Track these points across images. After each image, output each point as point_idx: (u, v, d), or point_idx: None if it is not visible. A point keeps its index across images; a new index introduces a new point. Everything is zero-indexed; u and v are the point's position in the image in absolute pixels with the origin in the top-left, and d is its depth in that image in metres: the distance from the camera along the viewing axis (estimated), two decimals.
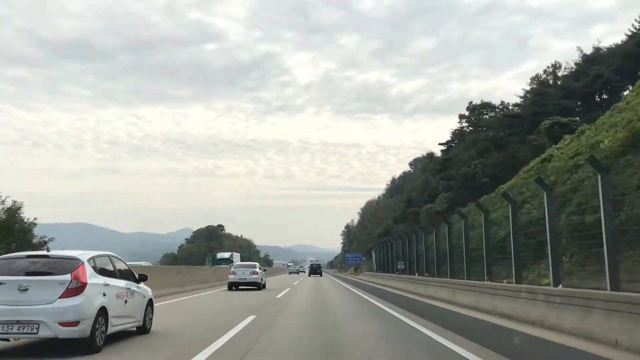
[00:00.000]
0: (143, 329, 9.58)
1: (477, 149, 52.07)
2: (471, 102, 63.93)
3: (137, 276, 9.62)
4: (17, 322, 7.10)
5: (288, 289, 26.82)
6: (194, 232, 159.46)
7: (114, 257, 9.11)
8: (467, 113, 63.43)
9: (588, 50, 54.67)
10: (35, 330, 7.11)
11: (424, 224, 34.79)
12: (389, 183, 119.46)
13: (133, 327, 9.30)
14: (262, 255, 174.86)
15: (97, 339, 7.59)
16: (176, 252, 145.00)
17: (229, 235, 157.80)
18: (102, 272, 8.23)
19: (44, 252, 8.12)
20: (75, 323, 7.22)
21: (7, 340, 7.61)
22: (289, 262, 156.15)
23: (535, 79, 58.99)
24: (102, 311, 7.75)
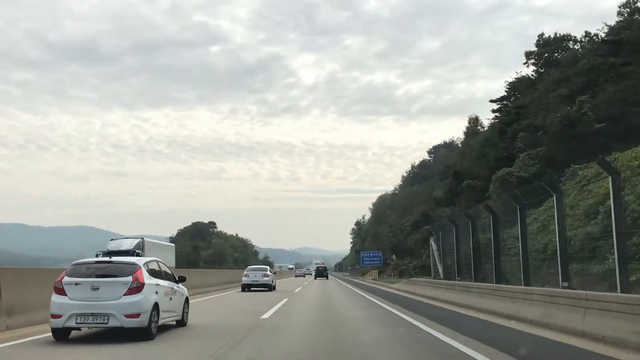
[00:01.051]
0: (181, 322, 11.36)
1: (568, 88, 36.70)
2: (542, 35, 47.72)
3: (177, 277, 11.42)
4: (92, 314, 8.90)
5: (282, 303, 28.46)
6: (179, 230, 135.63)
7: (160, 262, 10.92)
8: (536, 50, 47.34)
9: None
10: (106, 321, 8.92)
11: (498, 199, 25.69)
12: (407, 172, 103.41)
13: (173, 321, 11.07)
14: (261, 256, 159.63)
15: (152, 329, 9.37)
16: None
17: (220, 234, 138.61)
18: (153, 274, 10.03)
19: (109, 259, 9.93)
20: (137, 315, 9.02)
21: (79, 329, 9.40)
22: (290, 265, 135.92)
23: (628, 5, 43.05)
24: (155, 306, 9.53)
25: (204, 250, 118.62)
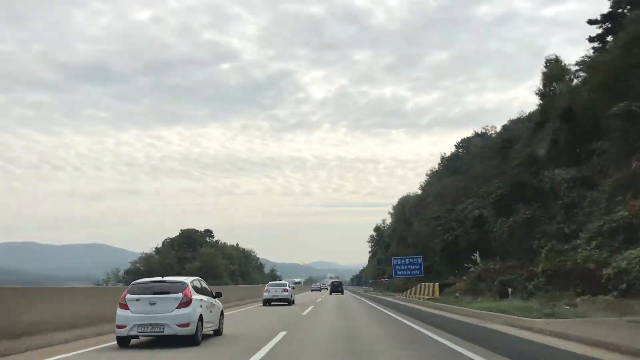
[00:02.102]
0: (218, 332, 13.29)
1: None
2: None
3: (214, 293, 13.38)
4: (150, 324, 10.88)
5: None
6: (165, 240, 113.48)
7: (201, 280, 12.92)
8: None
9: None
10: (162, 330, 10.89)
11: None
12: (430, 172, 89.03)
13: (211, 331, 12.99)
14: (266, 269, 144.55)
15: (199, 336, 11.34)
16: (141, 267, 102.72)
17: (215, 244, 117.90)
18: (197, 290, 12.01)
19: (162, 278, 11.93)
20: (187, 325, 10.99)
21: (137, 337, 11.35)
22: (297, 280, 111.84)
23: None
24: (200, 317, 11.50)
25: (191, 262, 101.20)
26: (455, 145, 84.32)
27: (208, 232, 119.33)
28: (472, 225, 39.58)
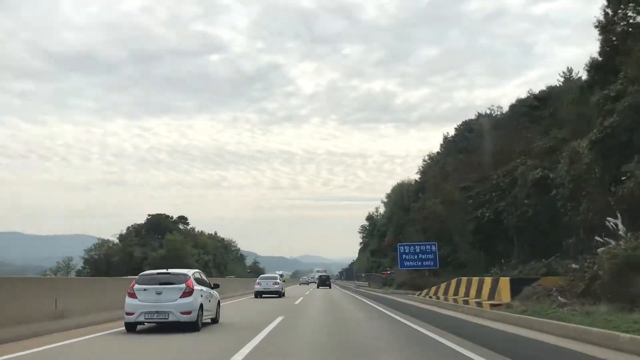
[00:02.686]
0: (215, 320, 14.43)
1: None
2: None
3: (212, 285, 14.52)
4: (157, 312, 12.00)
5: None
6: (130, 227, 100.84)
7: (201, 272, 14.08)
8: None
9: None
10: (167, 317, 12.02)
11: None
12: (440, 146, 76.40)
13: (209, 319, 14.12)
14: (248, 262, 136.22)
15: (199, 323, 12.48)
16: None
17: (189, 232, 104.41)
18: (198, 282, 13.15)
19: (167, 270, 13.06)
20: (189, 312, 12.13)
21: (144, 324, 12.46)
22: (279, 273, 72.91)
23: None
24: (201, 306, 12.64)
25: (156, 250, 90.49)
26: (456, 128, 74.83)
27: (182, 219, 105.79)
28: (530, 192, 28.54)
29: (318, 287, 60.12)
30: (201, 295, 12.81)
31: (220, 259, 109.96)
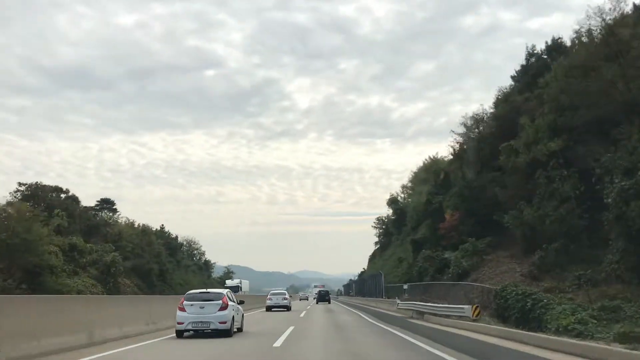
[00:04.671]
0: (240, 329, 18.22)
1: None
2: None
3: (237, 301, 18.36)
4: (201, 322, 15.83)
5: None
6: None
7: (230, 292, 17.94)
8: None
9: None
10: (209, 326, 15.85)
11: None
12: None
13: (235, 328, 17.93)
14: (218, 273, 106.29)
15: (232, 330, 16.31)
16: None
17: (105, 220, 62.56)
18: (229, 299, 17.00)
19: (207, 290, 16.93)
20: (225, 322, 15.96)
21: (189, 331, 16.23)
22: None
23: None
24: (233, 318, 16.47)
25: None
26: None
27: (106, 203, 66.64)
28: None
29: (317, 303, 59.42)
30: (233, 309, 16.67)
31: (163, 265, 66.62)
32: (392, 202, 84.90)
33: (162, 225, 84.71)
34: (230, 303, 16.59)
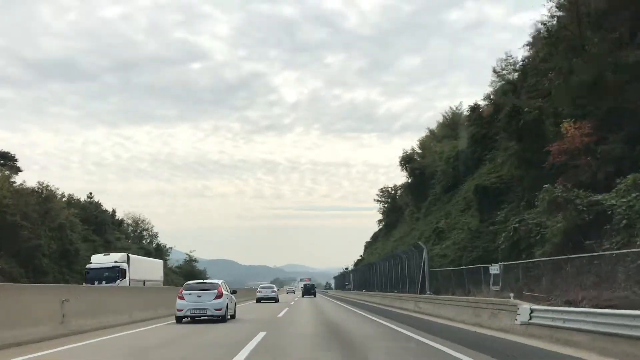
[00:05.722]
0: (233, 316, 19.88)
1: None
2: None
3: (230, 291, 20.02)
4: (198, 309, 17.48)
5: None
6: None
7: (225, 282, 19.61)
8: None
9: None
10: (205, 312, 17.52)
11: None
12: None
13: (229, 316, 19.61)
14: (176, 261, 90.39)
15: (227, 317, 18.00)
16: None
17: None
18: (224, 288, 18.67)
19: (203, 281, 18.62)
20: (220, 309, 17.63)
21: (188, 318, 17.85)
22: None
23: None
24: (227, 306, 18.14)
25: None
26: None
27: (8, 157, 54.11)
28: None
29: (303, 296, 58.06)
30: (227, 298, 18.34)
31: (61, 240, 50.81)
32: (408, 160, 63.68)
33: (91, 193, 66.71)
34: (224, 292, 18.26)
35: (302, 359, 9.83)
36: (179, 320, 17.67)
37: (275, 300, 38.55)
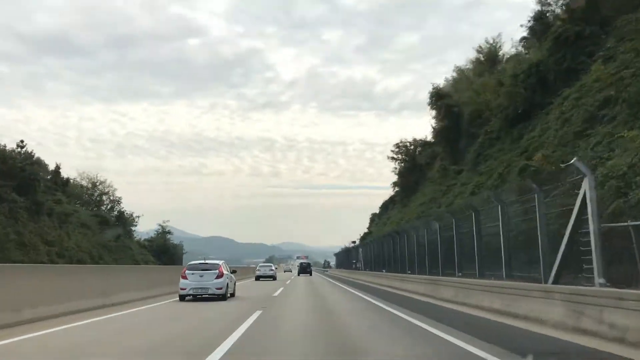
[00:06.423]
0: (233, 295, 21.21)
1: None
2: None
3: (230, 270, 21.28)
4: (200, 288, 18.74)
5: None
6: None
7: (225, 263, 20.86)
8: None
9: None
10: (207, 291, 18.77)
11: None
12: None
13: (229, 294, 20.89)
14: (146, 233, 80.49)
15: (227, 295, 19.27)
16: None
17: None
18: (225, 268, 19.92)
19: (205, 261, 19.83)
20: (221, 288, 18.90)
21: (190, 296, 19.11)
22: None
23: None
24: (227, 285, 19.40)
25: None
26: None
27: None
28: None
29: (299, 274, 56.34)
30: (227, 277, 19.61)
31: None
32: (440, 96, 49.91)
33: (22, 141, 52.30)
34: (225, 272, 19.52)
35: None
36: (182, 298, 18.93)
37: (273, 278, 40.80)
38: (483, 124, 40.77)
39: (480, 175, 35.66)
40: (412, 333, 10.18)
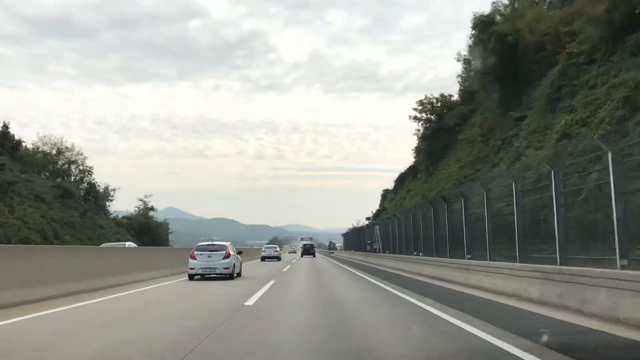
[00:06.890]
0: (239, 274, 22.19)
1: None
2: None
3: (237, 251, 22.25)
4: (208, 268, 19.71)
5: None
6: None
7: (232, 244, 21.82)
8: None
9: None
10: (215, 271, 19.74)
11: None
12: None
13: (236, 274, 21.88)
14: (123, 209, 72.84)
15: (234, 275, 20.25)
16: None
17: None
18: (232, 249, 20.88)
19: (212, 242, 20.78)
20: (228, 268, 19.88)
21: (199, 275, 20.09)
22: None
23: None
24: (234, 265, 20.38)
25: None
26: None
27: None
28: None
29: (302, 256, 55.65)
30: (234, 258, 20.59)
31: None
32: (488, 24, 39.33)
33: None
34: (232, 253, 20.50)
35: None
36: (191, 277, 19.94)
37: (278, 258, 42.36)
38: (546, 60, 32.11)
39: (570, 112, 25.22)
40: None
